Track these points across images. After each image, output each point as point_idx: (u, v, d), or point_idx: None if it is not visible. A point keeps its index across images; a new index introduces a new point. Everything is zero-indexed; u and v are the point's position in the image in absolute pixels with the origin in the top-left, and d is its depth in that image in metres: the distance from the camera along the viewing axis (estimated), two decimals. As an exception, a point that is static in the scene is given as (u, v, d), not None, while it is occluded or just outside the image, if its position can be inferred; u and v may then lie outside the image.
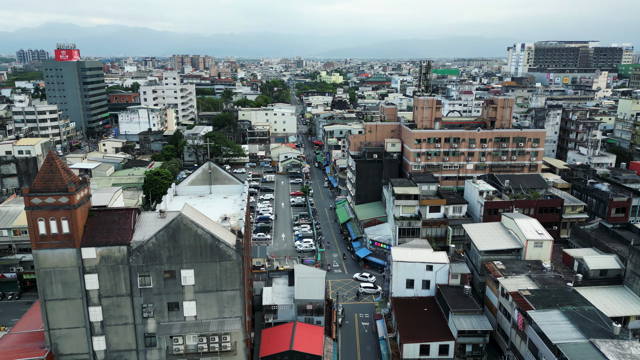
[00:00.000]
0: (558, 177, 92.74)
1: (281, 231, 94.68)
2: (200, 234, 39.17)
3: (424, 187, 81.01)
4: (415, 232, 75.71)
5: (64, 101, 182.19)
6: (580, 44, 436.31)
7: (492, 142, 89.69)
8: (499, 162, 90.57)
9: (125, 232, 39.54)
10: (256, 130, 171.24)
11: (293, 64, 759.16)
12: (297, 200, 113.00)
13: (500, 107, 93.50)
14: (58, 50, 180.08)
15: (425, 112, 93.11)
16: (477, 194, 79.11)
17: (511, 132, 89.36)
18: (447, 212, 78.30)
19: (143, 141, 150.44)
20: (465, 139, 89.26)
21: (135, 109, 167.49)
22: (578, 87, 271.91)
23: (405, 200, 76.22)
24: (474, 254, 61.27)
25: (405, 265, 57.74)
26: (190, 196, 58.01)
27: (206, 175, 58.48)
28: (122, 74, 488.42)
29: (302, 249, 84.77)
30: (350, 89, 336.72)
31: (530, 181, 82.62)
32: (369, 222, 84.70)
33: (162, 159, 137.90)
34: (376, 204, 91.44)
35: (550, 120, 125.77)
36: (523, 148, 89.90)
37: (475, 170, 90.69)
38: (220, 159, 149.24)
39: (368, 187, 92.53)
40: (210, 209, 53.58)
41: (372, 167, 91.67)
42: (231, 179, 59.05)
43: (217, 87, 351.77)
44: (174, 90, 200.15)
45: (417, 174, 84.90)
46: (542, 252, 57.03)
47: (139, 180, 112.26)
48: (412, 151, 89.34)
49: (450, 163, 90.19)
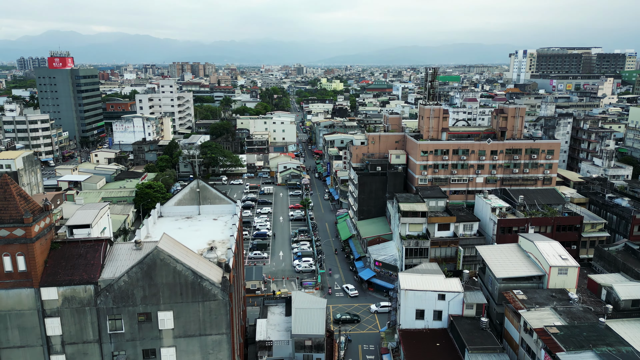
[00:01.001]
0: (573, 190, 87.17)
1: (279, 249, 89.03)
2: (180, 270, 33.63)
3: (432, 203, 75.53)
4: (423, 252, 70.07)
5: (57, 110, 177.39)
6: (582, 50, 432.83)
7: (504, 154, 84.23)
8: (511, 175, 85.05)
9: (93, 268, 34.01)
10: (254, 139, 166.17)
11: (293, 70, 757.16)
12: (296, 214, 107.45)
13: (510, 116, 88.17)
14: (51, 57, 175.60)
15: (432, 122, 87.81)
16: (489, 211, 73.52)
17: (523, 144, 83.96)
18: (457, 230, 72.73)
19: (137, 151, 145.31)
20: (474, 151, 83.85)
21: (130, 117, 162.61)
22: (583, 93, 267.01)
23: (412, 218, 70.69)
24: (490, 280, 55.56)
25: (414, 294, 52.04)
26: (177, 218, 52.56)
27: (194, 194, 53.04)
28: (121, 81, 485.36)
29: (301, 269, 79.06)
30: (350, 96, 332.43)
31: (545, 196, 77.04)
32: (372, 240, 79.10)
33: (157, 170, 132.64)
34: (380, 220, 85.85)
35: (561, 129, 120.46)
36: (536, 160, 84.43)
37: (486, 183, 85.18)
38: (217, 170, 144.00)
39: (371, 202, 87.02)
40: (198, 233, 48.09)
41: (375, 181, 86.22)
42: (222, 199, 53.60)
43: (216, 95, 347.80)
44: (171, 99, 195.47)
45: (424, 189, 79.40)
46: (567, 279, 51.33)
47: (130, 193, 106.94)
48: (418, 164, 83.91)
49: (458, 176, 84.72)
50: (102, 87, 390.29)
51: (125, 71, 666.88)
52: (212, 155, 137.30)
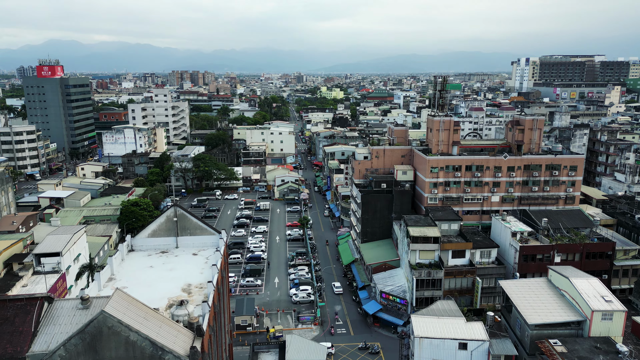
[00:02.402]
0: (598, 210, 79.33)
1: (274, 274, 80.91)
2: (135, 340, 25.71)
3: (444, 226, 67.68)
4: (436, 283, 62.03)
5: (46, 120, 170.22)
6: (585, 58, 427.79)
7: (521, 171, 76.45)
8: (530, 193, 77.20)
9: (21, 337, 26.11)
10: (251, 150, 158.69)
11: (293, 79, 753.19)
12: (294, 233, 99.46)
13: (528, 128, 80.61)
14: (40, 66, 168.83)
15: (442, 135, 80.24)
16: (508, 235, 65.60)
17: (544, 159, 76.23)
18: (474, 258, 64.77)
19: (127, 164, 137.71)
20: (489, 167, 76.12)
21: (121, 128, 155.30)
22: (590, 102, 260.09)
23: (423, 244, 62.77)
24: (518, 324, 47.49)
25: (431, 342, 44.00)
26: (150, 252, 44.68)
27: (171, 224, 45.23)
28: (118, 90, 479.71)
29: (299, 300, 70.90)
30: (351, 104, 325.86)
31: (570, 218, 69.16)
32: (378, 266, 71.05)
33: (146, 184, 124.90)
34: (386, 243, 77.90)
35: (577, 141, 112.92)
36: (557, 177, 76.64)
37: (502, 203, 77.31)
38: (211, 184, 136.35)
39: (376, 223, 79.13)
40: (172, 274, 40.21)
41: (380, 199, 78.40)
42: (204, 229, 45.77)
43: (214, 104, 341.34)
44: (165, 108, 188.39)
45: (434, 209, 71.55)
46: (613, 326, 43.29)
47: (115, 211, 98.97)
48: (428, 181, 76.14)
49: (472, 195, 76.88)
50: (98, 96, 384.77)
51: (124, 80, 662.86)
52: (206, 169, 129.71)
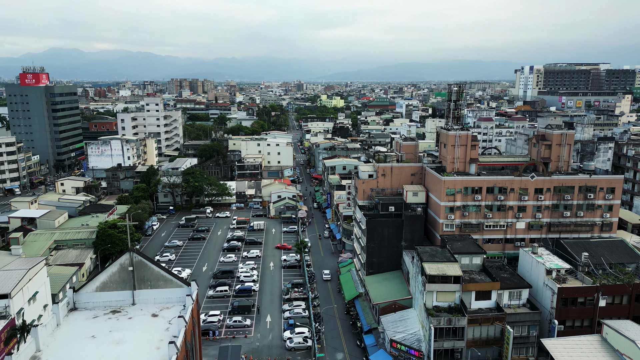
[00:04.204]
0: (637, 237, 69.21)
1: (267, 311, 70.48)
2: None
3: (465, 260, 57.62)
4: (457, 332, 51.68)
5: (29, 131, 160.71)
6: (590, 66, 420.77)
7: (551, 193, 66.43)
8: (560, 219, 67.09)
9: None
10: (246, 163, 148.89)
11: (293, 87, 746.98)
12: (290, 258, 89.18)
13: (556, 144, 70.78)
14: (23, 74, 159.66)
15: (458, 151, 70.39)
16: (542, 273, 55.40)
17: (577, 180, 66.23)
18: (501, 300, 54.51)
19: (111, 179, 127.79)
20: (514, 189, 66.13)
21: (107, 139, 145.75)
22: (600, 111, 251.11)
23: (441, 285, 52.58)
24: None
25: None
26: (98, 312, 34.56)
27: (126, 274, 35.15)
28: (115, 98, 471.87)
29: (294, 346, 60.44)
30: (352, 113, 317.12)
31: (612, 250, 59.01)
32: (386, 306, 60.75)
33: (131, 201, 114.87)
34: (395, 276, 67.62)
35: (601, 155, 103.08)
36: (593, 200, 66.61)
37: (528, 230, 67.20)
38: (202, 200, 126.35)
39: (383, 252, 68.94)
40: (119, 349, 30.02)
41: (388, 225, 68.27)
42: (168, 280, 35.68)
43: (211, 112, 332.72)
44: (157, 118, 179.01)
45: (452, 239, 61.46)
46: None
47: (91, 234, 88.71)
48: (443, 205, 66.09)
49: (494, 221, 66.78)
50: (94, 105, 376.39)
51: (123, 88, 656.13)
52: (196, 184, 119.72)
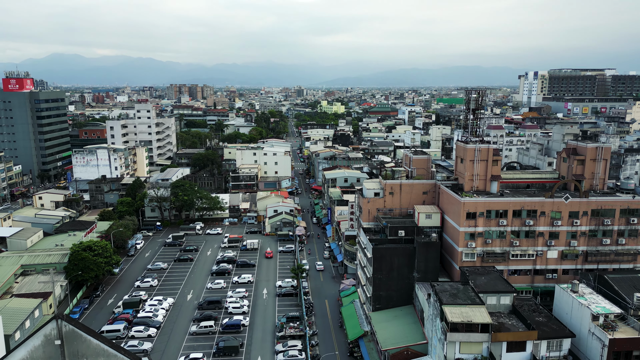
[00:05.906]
0: (685, 267, 59.74)
1: (257, 351, 60.92)
2: None
3: (491, 300, 48.25)
4: (486, 394, 42.18)
5: (12, 139, 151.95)
6: (596, 71, 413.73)
7: (588, 217, 57.18)
8: (598, 247, 57.78)
9: None
10: (241, 174, 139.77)
11: (294, 93, 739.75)
12: (285, 285, 79.68)
13: (590, 159, 61.69)
14: (6, 79, 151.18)
15: (477, 167, 61.26)
16: (585, 317, 45.98)
17: (618, 202, 57.01)
18: (538, 351, 45.08)
19: (94, 192, 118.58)
20: (545, 212, 56.88)
21: (93, 148, 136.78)
22: (610, 118, 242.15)
23: (466, 335, 43.18)
24: None
25: None
26: (11, 402, 25.06)
27: (53, 349, 25.75)
28: (113, 104, 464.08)
29: (287, 400, 50.88)
30: (353, 119, 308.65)
31: (667, 288, 49.59)
32: (397, 352, 51.27)
33: (114, 216, 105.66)
34: (406, 313, 58.15)
35: (628, 169, 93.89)
36: (636, 226, 57.32)
37: (561, 260, 57.83)
38: (192, 214, 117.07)
39: (392, 284, 59.53)
40: None
41: (398, 254, 58.89)
42: (111, 356, 26.26)
43: (209, 119, 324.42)
44: (148, 125, 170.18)
45: (474, 273, 52.12)
46: None
47: (63, 257, 79.43)
48: (462, 230, 56.81)
49: (522, 249, 57.46)
50: (89, 111, 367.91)
51: (121, 93, 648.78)
52: (185, 198, 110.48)
